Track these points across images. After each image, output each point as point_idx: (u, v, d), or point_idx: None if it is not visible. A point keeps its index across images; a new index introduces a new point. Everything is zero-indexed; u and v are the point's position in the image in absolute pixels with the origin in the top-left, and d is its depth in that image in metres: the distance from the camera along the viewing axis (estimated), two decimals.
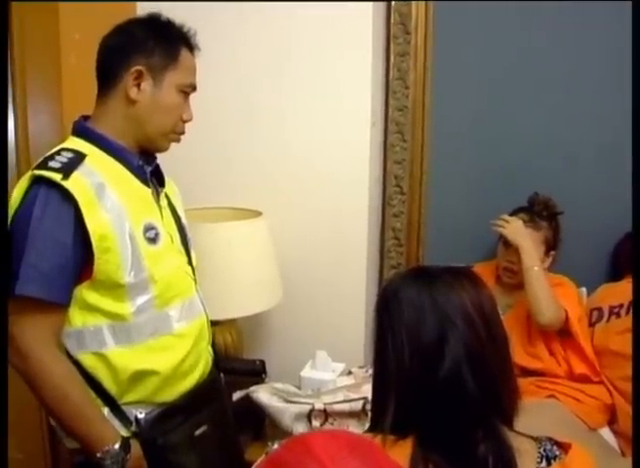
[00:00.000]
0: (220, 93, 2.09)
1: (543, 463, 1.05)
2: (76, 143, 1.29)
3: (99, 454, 1.22)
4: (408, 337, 1.08)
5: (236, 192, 2.13)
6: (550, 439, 1.10)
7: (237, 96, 2.14)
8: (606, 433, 1.90)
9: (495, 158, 2.25)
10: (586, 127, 2.18)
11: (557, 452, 1.07)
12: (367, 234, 2.18)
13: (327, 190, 2.14)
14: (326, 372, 2.03)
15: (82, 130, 1.32)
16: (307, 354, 2.08)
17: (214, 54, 2.03)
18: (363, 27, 2.05)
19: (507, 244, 1.99)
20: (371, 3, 2.04)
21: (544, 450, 1.07)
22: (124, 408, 1.29)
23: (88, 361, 1.26)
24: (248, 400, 1.78)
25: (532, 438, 1.09)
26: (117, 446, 1.23)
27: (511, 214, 2.07)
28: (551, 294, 1.88)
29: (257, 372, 1.93)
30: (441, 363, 1.04)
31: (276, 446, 0.76)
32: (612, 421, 1.93)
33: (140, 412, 1.29)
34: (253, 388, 1.79)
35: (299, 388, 1.94)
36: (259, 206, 2.05)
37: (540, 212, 2.05)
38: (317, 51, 2.08)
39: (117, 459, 1.22)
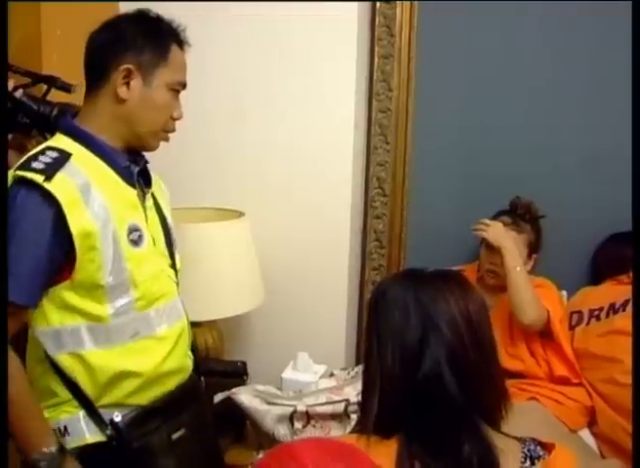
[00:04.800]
0: (203, 94, 2.07)
1: (527, 463, 1.05)
2: (62, 142, 1.26)
3: (34, 455, 1.19)
4: (392, 337, 1.08)
5: (219, 192, 2.12)
6: (534, 439, 1.11)
7: (220, 97, 2.12)
8: (585, 435, 1.91)
9: (477, 161, 2.27)
10: (569, 133, 2.20)
11: (541, 453, 1.08)
12: (349, 236, 2.18)
13: (310, 191, 2.13)
14: (307, 374, 2.02)
15: (69, 128, 1.29)
16: (288, 356, 2.07)
17: (198, 55, 2.03)
18: (348, 30, 2.06)
19: (490, 246, 2.00)
20: (356, 5, 2.04)
21: (528, 451, 1.07)
22: (101, 410, 1.27)
23: (65, 361, 1.24)
24: (229, 402, 1.76)
25: (516, 438, 1.09)
26: (54, 449, 1.20)
27: (494, 217, 2.08)
28: (534, 294, 1.90)
29: (238, 374, 1.92)
30: (421, 362, 1.05)
31: (261, 455, 0.76)
32: (591, 423, 1.94)
33: (117, 416, 1.26)
34: (234, 390, 1.78)
35: (280, 390, 1.93)
36: (241, 206, 2.04)
37: (522, 215, 2.07)
38: (302, 53, 2.08)
39: (53, 463, 1.19)
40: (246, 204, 2.05)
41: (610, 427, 1.87)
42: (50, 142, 1.27)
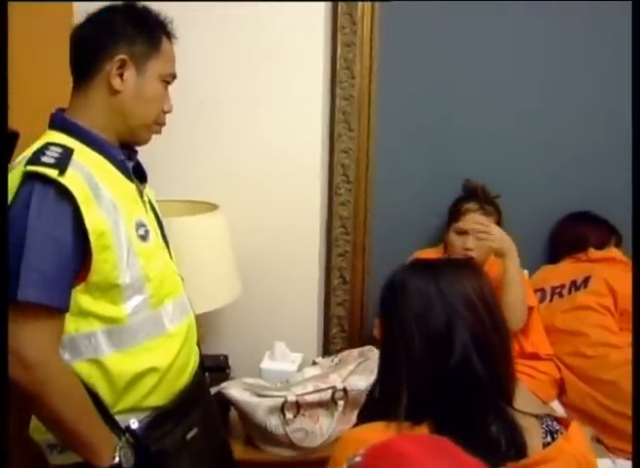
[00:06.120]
0: (174, 85, 2.01)
1: (548, 438, 1.11)
2: (58, 138, 1.20)
3: (117, 457, 1.17)
4: (417, 327, 1.10)
5: (191, 185, 2.06)
6: (549, 415, 1.18)
7: (191, 88, 2.05)
8: (556, 405, 2.02)
9: (439, 147, 2.32)
10: (525, 119, 2.30)
11: (557, 427, 1.13)
12: (319, 224, 2.19)
13: (280, 181, 2.11)
14: (285, 363, 2.02)
15: (63, 123, 1.23)
16: (266, 346, 2.07)
17: None
18: (314, 19, 2.05)
19: (462, 231, 2.05)
20: None
21: (547, 426, 1.13)
22: (116, 417, 1.23)
23: (83, 369, 1.19)
24: (218, 396, 1.74)
25: (533, 415, 1.15)
26: (121, 444, 1.21)
27: (458, 205, 2.13)
28: (526, 299, 1.95)
29: (221, 368, 1.90)
30: (451, 350, 1.08)
31: (358, 458, 0.75)
32: (560, 394, 2.06)
33: (133, 422, 1.23)
34: (224, 385, 1.76)
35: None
36: (211, 199, 2.00)
37: (486, 198, 2.13)
38: (267, 42, 2.04)
39: (130, 454, 1.20)
40: (217, 196, 2.01)
41: (579, 397, 1.99)
42: (47, 138, 1.20)
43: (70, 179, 1.11)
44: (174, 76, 1.33)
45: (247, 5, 2.00)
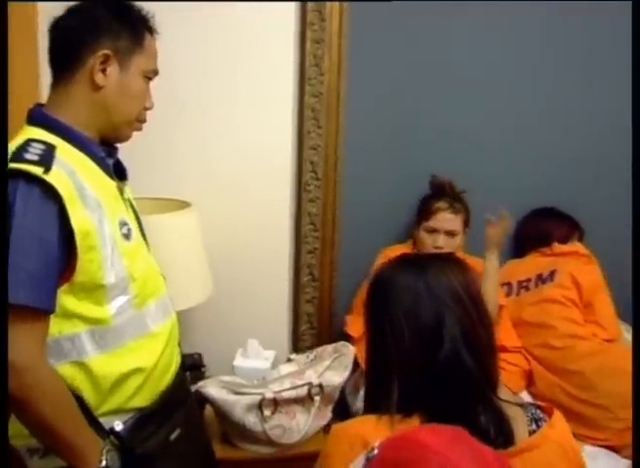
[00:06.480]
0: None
1: (533, 426, 1.14)
2: (39, 134, 1.16)
3: (104, 461, 1.15)
4: (406, 322, 1.12)
5: (166, 182, 2.02)
6: (531, 404, 1.21)
7: (164, 86, 2.02)
8: (525, 396, 2.07)
9: (407, 144, 2.34)
10: (493, 115, 2.34)
11: (541, 415, 1.17)
12: (289, 222, 2.18)
13: (253, 179, 2.10)
14: (258, 360, 2.02)
15: (42, 119, 1.19)
16: (238, 344, 2.06)
17: None
18: (285, 16, 2.04)
19: (433, 230, 2.08)
20: None
21: (531, 414, 1.16)
22: (100, 419, 1.20)
23: (66, 371, 1.15)
24: (196, 395, 1.72)
25: (517, 404, 1.18)
26: (108, 447, 1.18)
27: (429, 202, 2.15)
28: (498, 292, 2.01)
29: (196, 366, 1.88)
30: (441, 343, 1.10)
31: (376, 451, 0.75)
32: (529, 385, 2.11)
33: (117, 424, 1.21)
34: (201, 383, 1.74)
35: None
36: (186, 196, 1.97)
37: (454, 195, 2.16)
38: (244, 43, 2.02)
39: (116, 457, 1.18)
40: (190, 194, 1.98)
41: (548, 387, 2.04)
42: (27, 134, 1.16)
43: (55, 177, 1.08)
44: (156, 72, 1.31)
45: (223, 5, 1.98)
